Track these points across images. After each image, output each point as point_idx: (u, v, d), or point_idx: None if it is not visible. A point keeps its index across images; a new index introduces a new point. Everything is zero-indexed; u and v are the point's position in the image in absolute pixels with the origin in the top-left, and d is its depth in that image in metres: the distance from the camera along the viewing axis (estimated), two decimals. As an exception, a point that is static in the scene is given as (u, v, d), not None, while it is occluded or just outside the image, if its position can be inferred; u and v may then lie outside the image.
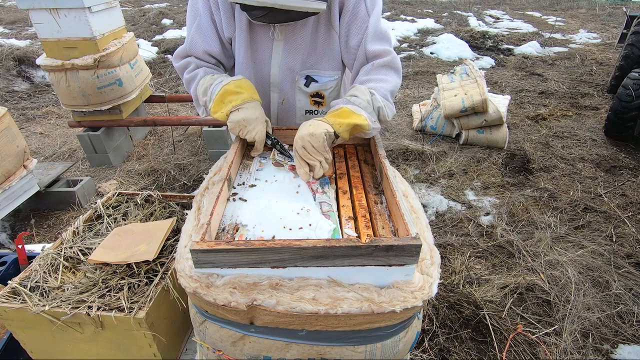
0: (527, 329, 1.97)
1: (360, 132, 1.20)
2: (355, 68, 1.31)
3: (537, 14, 10.87)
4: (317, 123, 1.12)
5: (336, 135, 1.12)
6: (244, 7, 1.11)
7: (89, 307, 1.06)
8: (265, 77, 1.35)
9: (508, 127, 3.93)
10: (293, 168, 1.19)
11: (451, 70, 4.51)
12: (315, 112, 1.42)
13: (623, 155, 3.64)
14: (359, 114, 1.15)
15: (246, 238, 0.92)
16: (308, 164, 1.10)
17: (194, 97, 1.31)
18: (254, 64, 1.33)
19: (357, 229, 0.96)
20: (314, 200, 1.06)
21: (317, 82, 1.34)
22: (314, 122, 1.12)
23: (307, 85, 1.35)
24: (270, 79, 1.35)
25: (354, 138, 1.34)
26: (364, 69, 1.28)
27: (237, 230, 0.95)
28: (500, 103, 3.88)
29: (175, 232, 1.36)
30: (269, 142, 1.24)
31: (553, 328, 1.98)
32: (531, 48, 7.20)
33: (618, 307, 2.09)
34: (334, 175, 1.20)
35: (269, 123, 1.27)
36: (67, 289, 1.13)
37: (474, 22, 9.29)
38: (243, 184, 1.14)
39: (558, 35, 8.28)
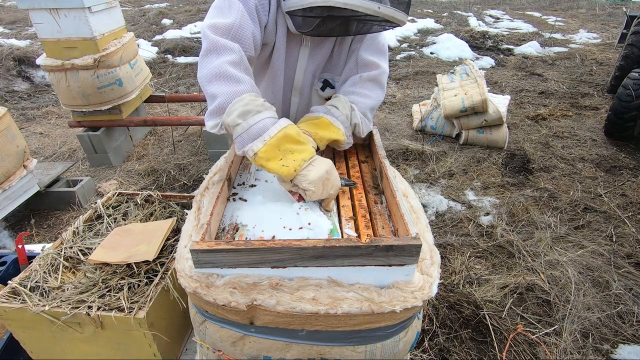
0: (527, 329, 1.97)
1: (334, 144, 1.21)
2: (345, 74, 1.33)
3: (537, 14, 10.88)
4: (321, 161, 0.99)
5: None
6: (314, 16, 1.02)
7: (89, 307, 1.06)
8: (291, 82, 1.36)
9: (508, 127, 3.93)
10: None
11: (451, 70, 4.51)
12: None
13: (623, 155, 3.64)
14: (337, 128, 1.16)
15: (246, 238, 0.92)
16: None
17: (220, 104, 0.99)
18: (287, 68, 1.33)
19: (357, 229, 0.96)
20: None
21: (333, 88, 1.36)
22: (332, 171, 1.00)
23: (322, 89, 1.36)
24: (294, 84, 1.36)
25: (353, 138, 1.35)
26: (351, 79, 1.29)
27: (237, 230, 0.95)
28: (500, 103, 3.88)
29: (175, 232, 1.36)
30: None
31: (553, 328, 1.98)
32: (531, 48, 7.20)
33: (618, 307, 2.08)
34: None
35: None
36: (67, 289, 1.13)
37: (474, 22, 9.29)
38: (243, 184, 1.14)
39: (558, 35, 8.28)
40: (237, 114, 0.95)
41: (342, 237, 0.93)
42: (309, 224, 0.94)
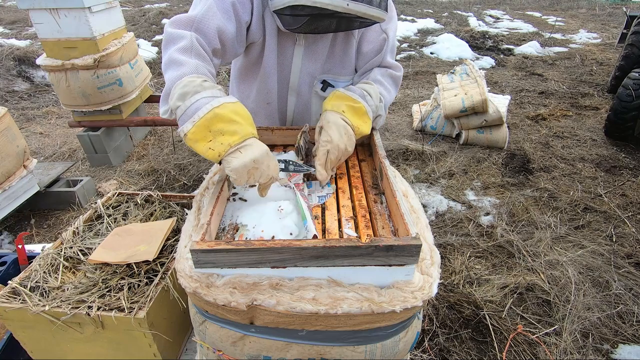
0: (527, 329, 1.97)
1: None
2: (366, 69, 1.35)
3: (537, 14, 10.88)
4: (350, 133, 1.11)
5: None
6: (292, 14, 1.03)
7: (89, 307, 1.06)
8: (286, 82, 1.35)
9: (508, 127, 3.93)
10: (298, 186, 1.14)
11: (451, 70, 4.51)
12: None
13: (623, 155, 3.64)
14: (369, 119, 1.19)
15: (246, 238, 0.92)
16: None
17: (166, 90, 0.98)
18: (279, 66, 1.32)
19: (357, 229, 0.96)
20: (307, 199, 1.06)
21: (333, 87, 1.35)
22: (347, 132, 1.11)
23: (323, 89, 1.35)
24: (290, 84, 1.35)
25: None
26: (378, 70, 1.31)
27: (237, 230, 0.95)
28: (500, 103, 3.88)
29: (175, 232, 1.36)
30: (282, 166, 1.08)
31: (553, 328, 1.98)
32: (531, 48, 7.20)
33: (618, 307, 2.08)
34: (333, 175, 1.20)
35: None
36: (67, 289, 1.13)
37: (474, 22, 9.29)
38: (243, 184, 1.14)
39: (558, 35, 8.28)
40: (177, 96, 0.93)
41: (342, 237, 0.93)
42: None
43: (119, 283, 1.14)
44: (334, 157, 1.08)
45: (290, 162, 1.11)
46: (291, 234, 0.91)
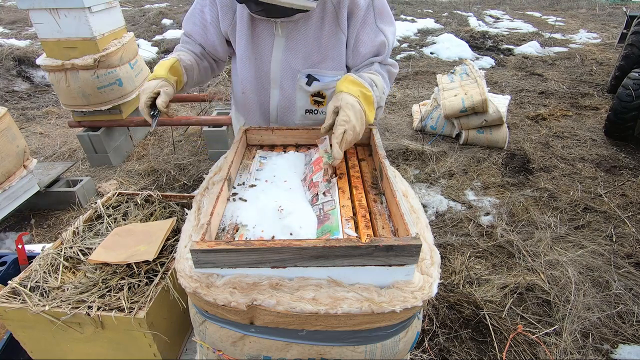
0: (527, 329, 1.97)
1: None
2: (365, 65, 1.35)
3: (537, 14, 10.88)
4: (363, 119, 1.14)
5: None
6: (239, 0, 1.13)
7: (89, 307, 1.06)
8: (266, 73, 1.35)
9: (508, 127, 3.93)
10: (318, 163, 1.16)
11: (451, 70, 4.51)
12: (315, 112, 1.42)
13: (623, 155, 3.64)
14: (374, 109, 1.20)
15: (246, 238, 0.92)
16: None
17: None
18: (255, 59, 1.33)
19: (357, 229, 0.96)
20: (317, 198, 1.06)
21: (319, 81, 1.34)
22: (362, 117, 1.13)
23: (309, 84, 1.34)
24: (271, 75, 1.35)
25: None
26: (379, 65, 1.33)
27: (237, 230, 0.95)
28: (500, 103, 3.88)
29: (175, 232, 1.36)
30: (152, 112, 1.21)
31: (553, 328, 1.98)
32: (531, 48, 7.20)
33: (618, 307, 2.08)
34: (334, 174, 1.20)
35: (166, 93, 1.20)
36: (67, 289, 1.13)
37: (474, 22, 9.29)
38: (243, 184, 1.14)
39: (558, 35, 8.28)
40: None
41: (343, 237, 0.93)
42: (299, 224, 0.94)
43: (119, 283, 1.14)
44: (350, 137, 1.09)
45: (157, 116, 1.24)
46: (291, 234, 0.92)
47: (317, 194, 1.08)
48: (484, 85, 3.84)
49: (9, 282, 1.15)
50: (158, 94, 1.18)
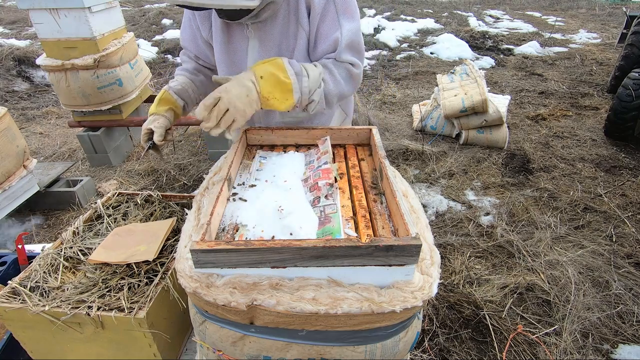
0: (527, 329, 1.97)
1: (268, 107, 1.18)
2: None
3: (537, 14, 10.88)
4: (253, 98, 1.09)
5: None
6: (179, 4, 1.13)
7: (89, 307, 1.06)
8: None
9: (508, 127, 3.93)
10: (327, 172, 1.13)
11: (451, 70, 4.51)
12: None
13: (623, 155, 3.64)
14: (292, 101, 1.13)
15: (246, 238, 0.92)
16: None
17: None
18: (232, 62, 1.33)
19: (357, 229, 0.96)
20: (318, 200, 1.06)
21: None
22: (251, 95, 1.08)
23: None
24: None
25: (353, 138, 1.35)
26: (334, 61, 1.24)
27: (237, 230, 0.95)
28: (500, 103, 3.88)
29: (175, 232, 1.36)
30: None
31: (553, 328, 1.98)
32: (531, 48, 7.20)
33: (618, 307, 2.09)
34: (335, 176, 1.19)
35: (159, 127, 1.30)
36: (67, 289, 1.13)
37: (474, 22, 9.29)
38: (243, 184, 1.14)
39: (558, 35, 8.29)
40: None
41: (343, 237, 0.93)
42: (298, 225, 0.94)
43: (119, 283, 1.14)
44: (223, 106, 1.04)
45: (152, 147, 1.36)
46: (291, 234, 0.91)
47: (319, 197, 1.07)
48: (484, 85, 3.84)
49: (9, 282, 1.15)
50: (151, 130, 1.30)
